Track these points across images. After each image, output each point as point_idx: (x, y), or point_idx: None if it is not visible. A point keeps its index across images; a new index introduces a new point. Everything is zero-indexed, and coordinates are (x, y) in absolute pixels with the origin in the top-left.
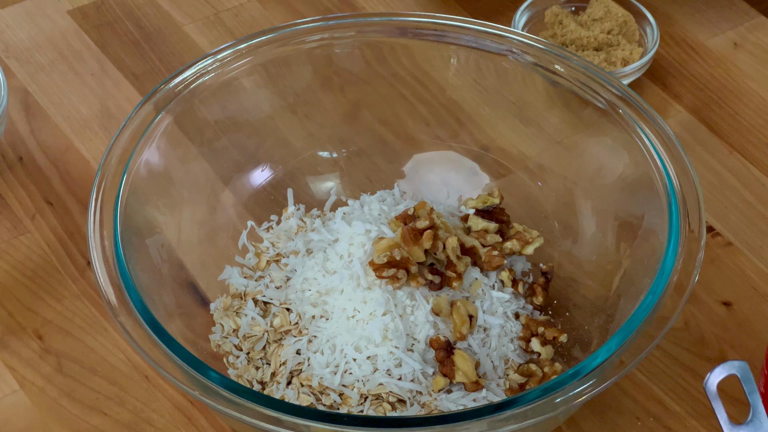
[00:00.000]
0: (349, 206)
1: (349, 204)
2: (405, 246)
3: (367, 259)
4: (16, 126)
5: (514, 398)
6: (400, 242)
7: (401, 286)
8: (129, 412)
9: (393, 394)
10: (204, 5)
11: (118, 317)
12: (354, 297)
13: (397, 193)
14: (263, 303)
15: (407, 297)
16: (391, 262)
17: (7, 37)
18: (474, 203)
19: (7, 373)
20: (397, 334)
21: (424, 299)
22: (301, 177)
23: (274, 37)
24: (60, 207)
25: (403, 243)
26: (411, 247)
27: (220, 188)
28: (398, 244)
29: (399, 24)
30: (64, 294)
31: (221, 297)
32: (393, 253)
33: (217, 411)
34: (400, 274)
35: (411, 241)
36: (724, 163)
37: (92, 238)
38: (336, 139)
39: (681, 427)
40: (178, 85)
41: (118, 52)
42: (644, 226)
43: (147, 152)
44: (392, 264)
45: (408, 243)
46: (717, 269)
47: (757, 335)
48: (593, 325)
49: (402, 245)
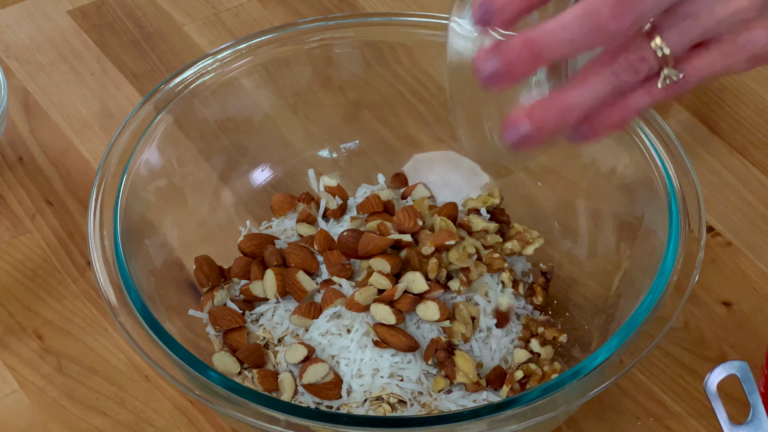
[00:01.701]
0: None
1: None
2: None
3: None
4: (16, 126)
5: (513, 398)
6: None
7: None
8: (129, 412)
9: (394, 395)
10: (204, 5)
11: (118, 317)
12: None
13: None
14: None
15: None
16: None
17: (7, 37)
18: (474, 203)
19: (7, 373)
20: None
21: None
22: (301, 177)
23: (274, 37)
24: (60, 207)
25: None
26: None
27: (220, 188)
28: (391, 295)
29: (399, 24)
30: (64, 294)
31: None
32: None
33: (217, 411)
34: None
35: (416, 267)
36: (724, 163)
37: (92, 238)
38: (336, 139)
39: (681, 427)
40: (178, 85)
41: (118, 52)
42: (644, 226)
43: (147, 152)
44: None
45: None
46: (717, 269)
47: (757, 335)
48: (593, 325)
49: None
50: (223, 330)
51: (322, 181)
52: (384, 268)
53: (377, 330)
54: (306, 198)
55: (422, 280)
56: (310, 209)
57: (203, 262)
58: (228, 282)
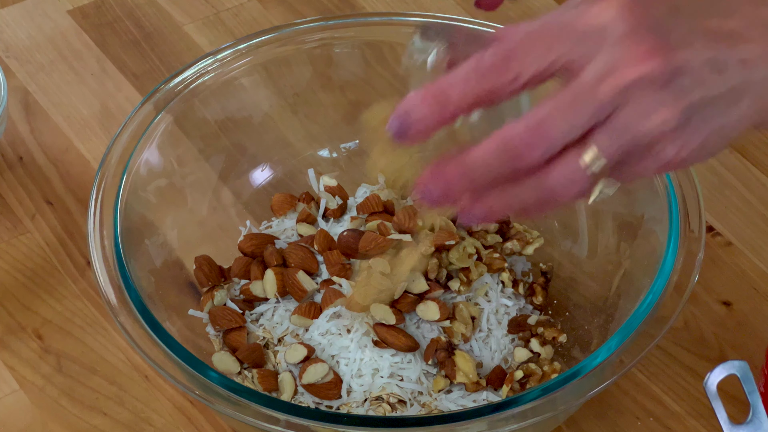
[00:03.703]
0: None
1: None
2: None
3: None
4: (16, 126)
5: (513, 398)
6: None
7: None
8: (129, 412)
9: (394, 395)
10: (204, 5)
11: (118, 317)
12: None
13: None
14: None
15: None
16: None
17: (7, 37)
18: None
19: (7, 373)
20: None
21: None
22: (301, 177)
23: (274, 37)
24: (60, 207)
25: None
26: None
27: (220, 188)
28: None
29: (399, 24)
30: (64, 294)
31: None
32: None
33: (217, 411)
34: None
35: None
36: (724, 163)
37: (92, 238)
38: (336, 139)
39: (681, 427)
40: (178, 85)
41: (118, 52)
42: (644, 226)
43: (147, 152)
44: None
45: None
46: (717, 269)
47: (757, 335)
48: (593, 325)
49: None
50: (223, 330)
51: (322, 181)
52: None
53: (377, 330)
54: (306, 198)
55: (422, 280)
56: (310, 209)
57: (203, 262)
58: (228, 282)
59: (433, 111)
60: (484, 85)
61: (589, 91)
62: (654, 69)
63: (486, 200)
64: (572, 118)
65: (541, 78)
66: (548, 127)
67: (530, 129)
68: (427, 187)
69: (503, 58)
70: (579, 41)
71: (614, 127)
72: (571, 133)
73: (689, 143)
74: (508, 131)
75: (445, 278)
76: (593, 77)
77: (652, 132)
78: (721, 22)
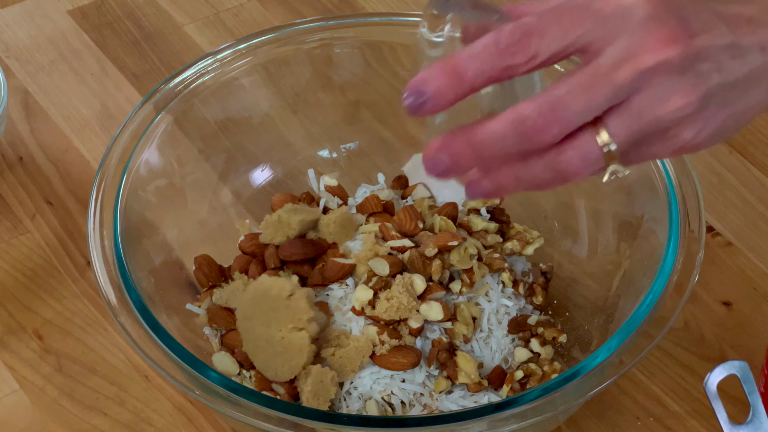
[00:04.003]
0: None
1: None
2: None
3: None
4: (16, 126)
5: (514, 398)
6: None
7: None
8: (129, 412)
9: (394, 395)
10: (204, 5)
11: (118, 317)
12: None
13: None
14: None
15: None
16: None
17: (7, 37)
18: (474, 203)
19: (7, 373)
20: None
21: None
22: (301, 177)
23: (274, 37)
24: (60, 207)
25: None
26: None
27: (220, 188)
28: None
29: (399, 24)
30: (64, 294)
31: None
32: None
33: (217, 411)
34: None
35: (420, 269)
36: (724, 163)
37: (92, 238)
38: (336, 139)
39: (681, 427)
40: (178, 85)
41: (118, 52)
42: (644, 226)
43: (147, 152)
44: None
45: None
46: (717, 269)
47: (757, 335)
48: (593, 325)
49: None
50: (221, 330)
51: (322, 181)
52: (383, 269)
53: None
54: (306, 198)
55: (420, 280)
56: None
57: (203, 262)
58: (228, 281)
59: (451, 83)
60: (502, 62)
61: (607, 74)
62: (674, 55)
63: (496, 175)
64: (589, 99)
65: (559, 58)
66: (564, 108)
67: (546, 109)
68: (436, 156)
69: (523, 35)
70: (601, 22)
71: (631, 111)
72: (587, 114)
73: (705, 128)
74: (523, 109)
75: (447, 279)
76: (612, 60)
77: (669, 117)
78: (741, 8)
